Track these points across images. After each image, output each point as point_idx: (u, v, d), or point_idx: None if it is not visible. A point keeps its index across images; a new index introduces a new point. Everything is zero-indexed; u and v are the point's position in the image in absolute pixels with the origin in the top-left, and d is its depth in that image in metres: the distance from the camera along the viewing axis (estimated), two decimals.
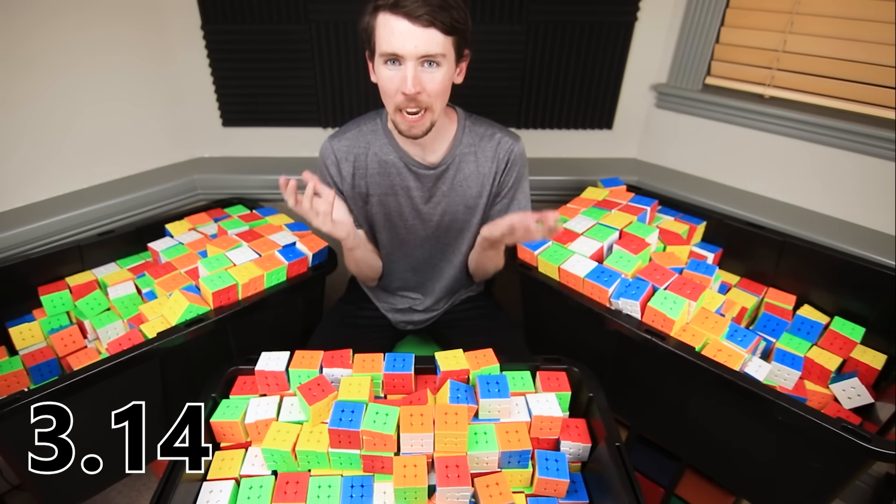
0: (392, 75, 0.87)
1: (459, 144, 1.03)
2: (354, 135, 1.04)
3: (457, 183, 1.05)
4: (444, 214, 1.08)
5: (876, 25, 1.18)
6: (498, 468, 0.76)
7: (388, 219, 1.09)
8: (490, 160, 1.05)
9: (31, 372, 1.03)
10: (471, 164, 1.05)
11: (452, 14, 0.84)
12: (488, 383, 0.79)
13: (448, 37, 0.85)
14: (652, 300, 0.96)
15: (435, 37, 0.84)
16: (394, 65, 0.87)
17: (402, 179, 1.04)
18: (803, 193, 1.35)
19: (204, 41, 1.43)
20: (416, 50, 0.84)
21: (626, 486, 0.68)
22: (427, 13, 0.82)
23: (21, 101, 1.23)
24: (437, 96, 0.89)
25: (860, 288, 1.11)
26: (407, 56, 0.85)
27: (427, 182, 1.05)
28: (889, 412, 0.93)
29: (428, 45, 0.84)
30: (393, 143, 1.03)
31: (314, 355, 0.85)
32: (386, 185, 1.05)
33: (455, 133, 1.04)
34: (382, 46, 0.86)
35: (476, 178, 1.06)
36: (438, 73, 0.87)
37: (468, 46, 0.93)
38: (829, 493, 0.88)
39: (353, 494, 0.72)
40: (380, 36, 0.86)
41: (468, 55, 0.94)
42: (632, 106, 1.56)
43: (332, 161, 1.04)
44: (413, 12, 0.82)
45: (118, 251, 1.30)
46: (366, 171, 1.05)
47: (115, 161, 1.45)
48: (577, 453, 0.81)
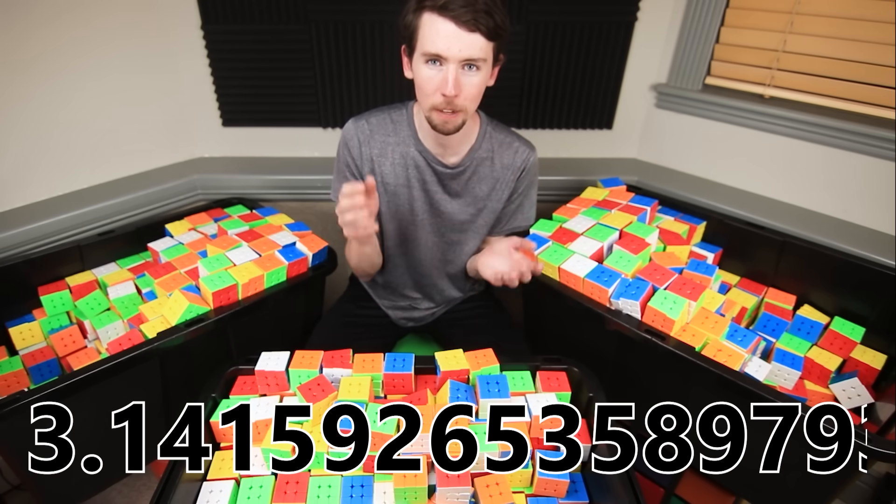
0: (433, 75, 0.89)
1: (479, 149, 1.06)
2: (381, 119, 1.05)
3: (471, 185, 1.08)
4: (453, 213, 1.10)
5: (876, 25, 1.18)
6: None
7: (398, 210, 1.10)
8: (506, 167, 1.08)
9: (31, 372, 1.03)
10: (486, 168, 1.07)
11: (496, 20, 0.85)
12: (488, 383, 0.79)
13: (490, 42, 0.87)
14: (652, 300, 0.96)
15: (478, 42, 0.85)
16: (435, 65, 0.88)
17: (419, 173, 1.06)
18: (803, 193, 1.35)
19: (204, 41, 1.43)
20: (459, 53, 0.85)
21: (626, 486, 0.68)
22: (473, 18, 0.83)
23: (20, 101, 1.23)
24: (472, 100, 0.92)
25: (860, 288, 1.11)
26: (450, 58, 0.86)
27: (443, 179, 1.06)
28: (889, 412, 0.93)
29: (471, 49, 0.85)
30: (415, 138, 1.05)
31: (314, 355, 0.85)
32: (402, 176, 1.06)
33: (477, 137, 1.06)
34: (426, 46, 0.87)
35: (489, 181, 1.08)
36: (477, 77, 0.89)
37: (504, 52, 0.94)
38: (829, 493, 0.88)
39: (353, 494, 0.72)
40: (424, 35, 0.87)
41: (502, 60, 0.95)
42: (632, 106, 1.56)
43: (355, 142, 1.04)
44: (461, 16, 0.83)
45: (118, 251, 1.30)
46: (386, 159, 1.06)
47: (115, 161, 1.45)
48: None
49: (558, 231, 1.16)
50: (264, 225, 1.29)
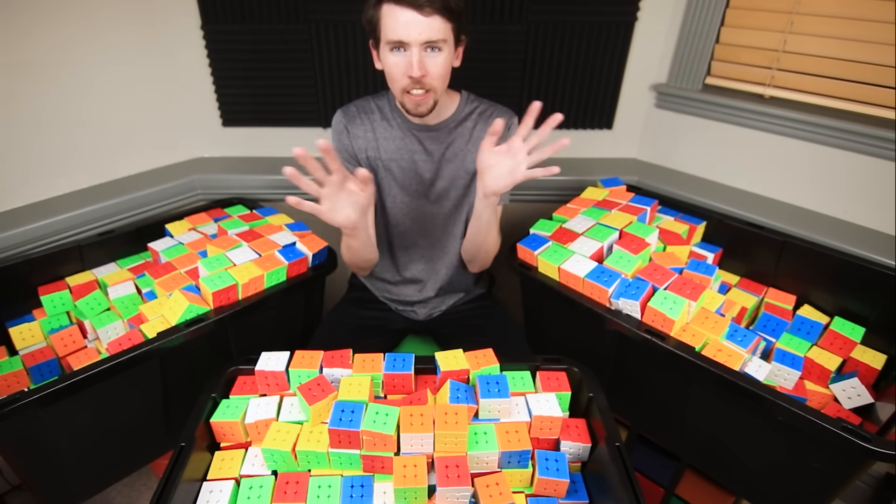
0: (398, 61, 0.95)
1: (462, 112, 1.12)
2: (363, 103, 1.13)
3: (458, 149, 1.12)
4: (448, 179, 1.13)
5: (876, 25, 1.18)
6: (498, 468, 0.76)
7: (394, 182, 1.13)
8: (487, 128, 1.09)
9: (31, 372, 1.03)
10: (472, 131, 1.12)
11: (451, 1, 0.92)
12: (488, 383, 0.79)
13: (448, 23, 0.94)
14: (652, 300, 0.96)
15: (436, 23, 0.92)
16: (399, 51, 0.95)
17: (409, 143, 1.11)
18: (803, 193, 1.35)
19: (203, 41, 1.43)
20: (420, 36, 0.92)
21: (626, 486, 0.68)
22: (429, 3, 0.90)
23: (20, 102, 1.23)
24: (439, 78, 0.98)
25: (860, 288, 1.11)
26: (412, 42, 0.92)
27: (431, 146, 1.11)
28: (889, 412, 0.93)
29: (431, 31, 0.92)
30: (400, 115, 1.10)
31: (314, 355, 0.85)
32: (392, 150, 1.11)
33: (457, 107, 1.12)
34: (389, 35, 0.93)
35: (476, 146, 1.11)
36: (440, 56, 0.96)
37: (465, 33, 1.01)
38: (829, 493, 0.88)
39: (353, 494, 0.72)
40: (385, 25, 0.93)
41: (464, 41, 1.02)
42: (632, 106, 1.56)
43: (342, 127, 1.11)
44: (416, 2, 0.90)
45: (118, 251, 1.30)
46: (374, 135, 1.11)
47: (115, 161, 1.45)
48: (577, 453, 0.81)
49: (558, 231, 1.16)
50: (264, 225, 1.29)
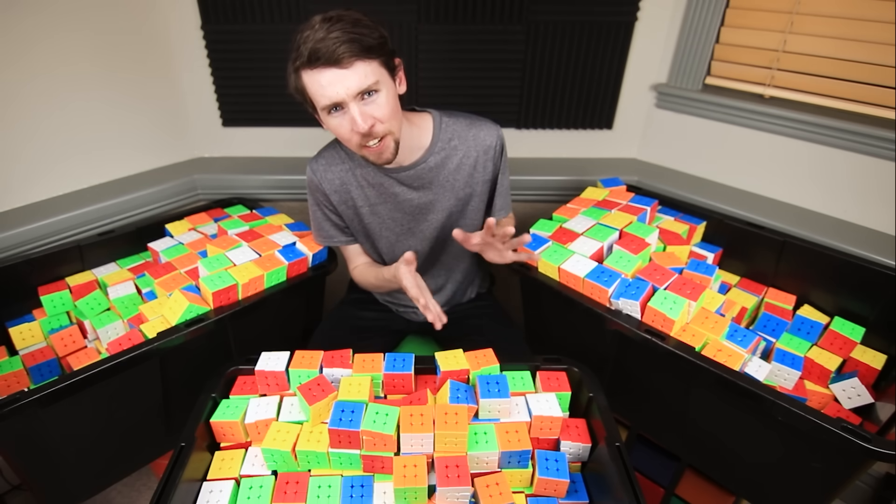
0: (341, 122, 0.89)
1: (438, 141, 1.03)
2: (332, 153, 1.07)
3: (443, 178, 1.05)
4: (441, 211, 1.08)
5: (876, 25, 1.18)
6: (498, 468, 0.76)
7: (383, 227, 1.10)
8: (474, 149, 1.05)
9: (31, 372, 1.03)
10: (455, 158, 1.04)
11: (364, 39, 0.83)
12: (488, 383, 0.79)
13: (373, 61, 0.85)
14: (652, 300, 0.96)
15: (362, 69, 0.84)
16: (338, 111, 0.88)
17: (389, 186, 1.05)
18: (803, 193, 1.35)
19: (204, 41, 1.43)
20: (349, 91, 0.84)
21: (626, 486, 0.68)
22: (343, 52, 0.81)
23: (20, 102, 1.23)
24: (389, 119, 0.90)
25: (860, 288, 1.11)
26: (346, 99, 0.85)
27: (412, 183, 1.05)
28: (889, 412, 0.93)
29: (359, 81, 0.84)
30: None
31: (314, 355, 0.85)
32: (373, 196, 1.07)
33: (432, 134, 1.03)
34: (320, 101, 0.87)
35: (463, 168, 1.05)
36: (381, 97, 0.88)
37: (395, 55, 0.92)
38: (829, 493, 0.88)
39: (353, 494, 0.72)
40: (314, 92, 0.86)
41: (400, 63, 0.93)
42: (632, 106, 1.56)
43: (314, 183, 1.07)
44: (330, 57, 0.81)
45: (118, 251, 1.30)
46: (349, 186, 1.06)
47: (115, 161, 1.45)
48: (577, 453, 0.81)
49: (558, 231, 1.16)
50: (264, 225, 1.29)
